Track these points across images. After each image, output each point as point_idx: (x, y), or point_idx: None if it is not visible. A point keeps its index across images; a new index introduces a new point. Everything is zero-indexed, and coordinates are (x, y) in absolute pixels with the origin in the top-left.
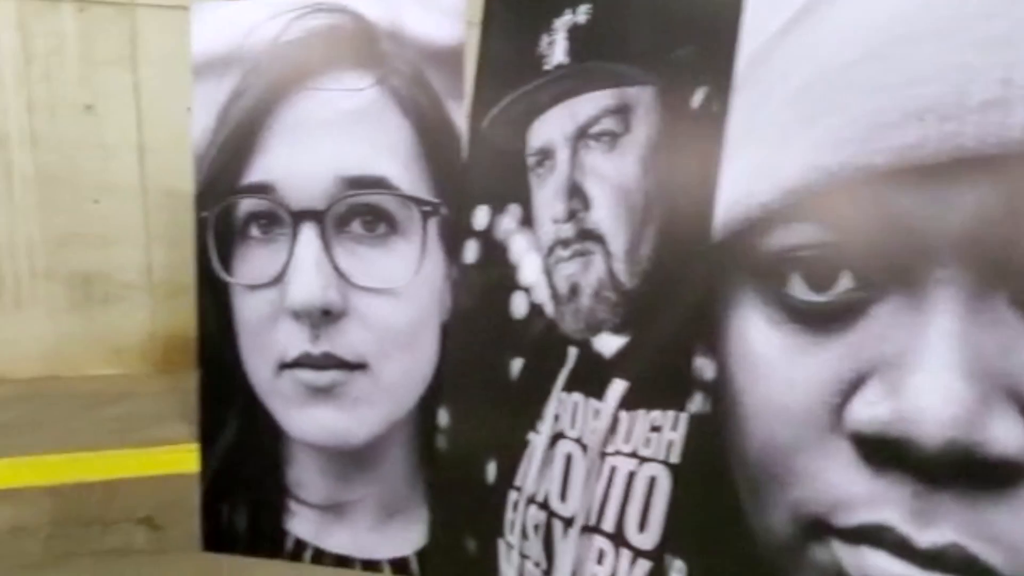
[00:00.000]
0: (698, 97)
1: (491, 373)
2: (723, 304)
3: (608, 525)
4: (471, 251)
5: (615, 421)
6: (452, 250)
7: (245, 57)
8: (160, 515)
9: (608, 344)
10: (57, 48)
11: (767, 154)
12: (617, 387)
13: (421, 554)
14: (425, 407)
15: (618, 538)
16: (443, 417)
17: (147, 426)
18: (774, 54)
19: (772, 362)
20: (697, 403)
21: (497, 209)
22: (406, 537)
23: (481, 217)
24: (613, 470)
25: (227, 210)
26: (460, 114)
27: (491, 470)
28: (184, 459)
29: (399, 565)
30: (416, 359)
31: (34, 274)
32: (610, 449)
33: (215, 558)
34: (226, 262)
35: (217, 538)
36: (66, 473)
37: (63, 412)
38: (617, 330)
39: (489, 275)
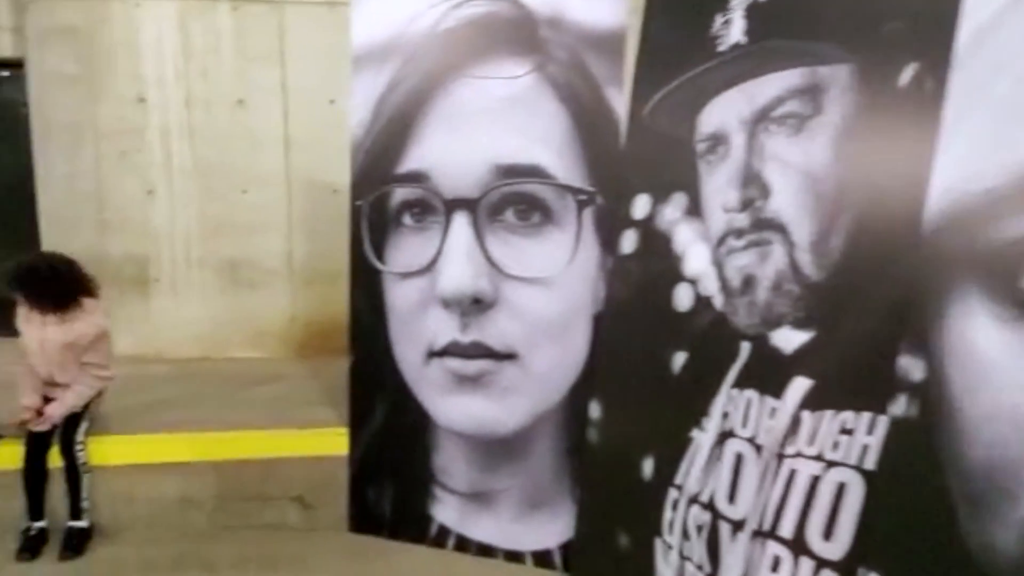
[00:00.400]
0: (907, 75)
1: (650, 366)
2: (936, 299)
3: (785, 531)
4: (629, 241)
5: (796, 421)
6: (608, 240)
7: (403, 47)
8: (311, 495)
9: (789, 339)
10: (213, 46)
11: (995, 136)
12: (799, 385)
13: (567, 547)
14: (575, 399)
15: (797, 545)
16: (595, 410)
17: (294, 408)
18: (1005, 27)
19: (999, 364)
20: (901, 406)
21: (659, 198)
22: (550, 529)
23: (641, 206)
24: (793, 473)
25: (381, 199)
26: (620, 101)
27: (648, 466)
28: (334, 442)
29: (542, 557)
30: (567, 350)
31: (189, 261)
32: (789, 451)
33: (361, 540)
34: (379, 250)
35: (363, 520)
36: (228, 450)
37: (219, 391)
38: (800, 325)
39: (649, 266)
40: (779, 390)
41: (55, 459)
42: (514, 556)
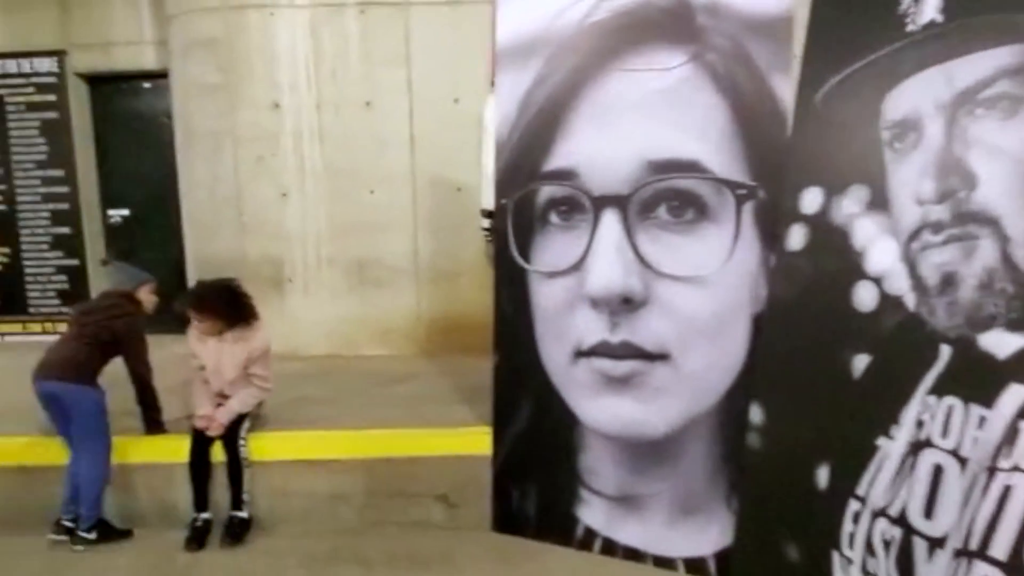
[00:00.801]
0: None
1: (824, 370)
2: None
3: (999, 552)
4: (797, 237)
5: (1013, 432)
6: (771, 236)
7: (550, 41)
8: (455, 494)
9: (1002, 343)
10: (342, 50)
11: None
12: (1016, 394)
13: (723, 556)
14: (732, 402)
15: (1013, 567)
16: (756, 414)
17: (431, 406)
18: None
19: None
20: None
21: (834, 191)
22: (704, 536)
23: (811, 200)
24: (1007, 489)
25: (527, 197)
26: (786, 88)
27: (822, 475)
28: (477, 441)
29: (695, 564)
30: (723, 351)
31: (320, 261)
32: (1003, 464)
33: (505, 540)
34: (524, 249)
35: (507, 520)
36: (375, 448)
37: (357, 389)
38: (1015, 327)
39: (821, 263)
40: (990, 398)
41: (217, 454)
42: (664, 562)
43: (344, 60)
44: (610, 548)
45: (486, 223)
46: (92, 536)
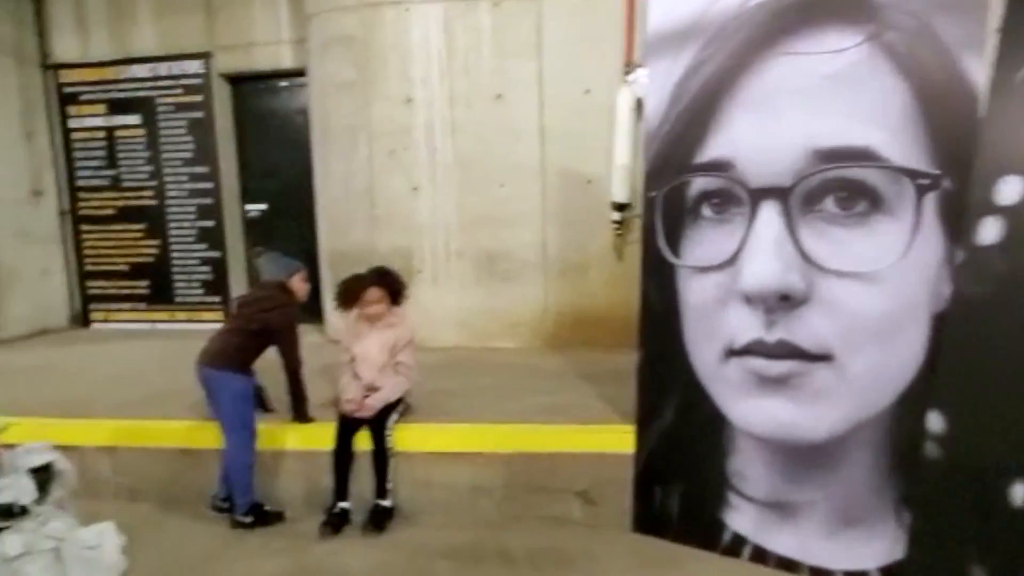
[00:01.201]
0: None
1: (1021, 375)
2: None
3: None
4: (990, 230)
5: None
6: (958, 229)
7: (706, 27)
8: (595, 491)
9: None
10: (475, 43)
11: None
12: None
13: (891, 571)
14: (905, 408)
15: None
16: (936, 422)
17: (563, 399)
18: None
19: None
20: None
21: None
22: (867, 550)
23: (1010, 189)
24: None
25: (677, 190)
26: (978, 68)
27: (1018, 492)
28: (618, 439)
29: None
30: (895, 353)
31: (449, 253)
32: None
33: (645, 540)
34: (673, 243)
35: (648, 521)
36: (515, 442)
37: (492, 382)
38: None
39: (1020, 258)
40: None
41: (361, 443)
42: (822, 574)
43: (476, 53)
44: (760, 556)
45: (616, 216)
46: (248, 520)
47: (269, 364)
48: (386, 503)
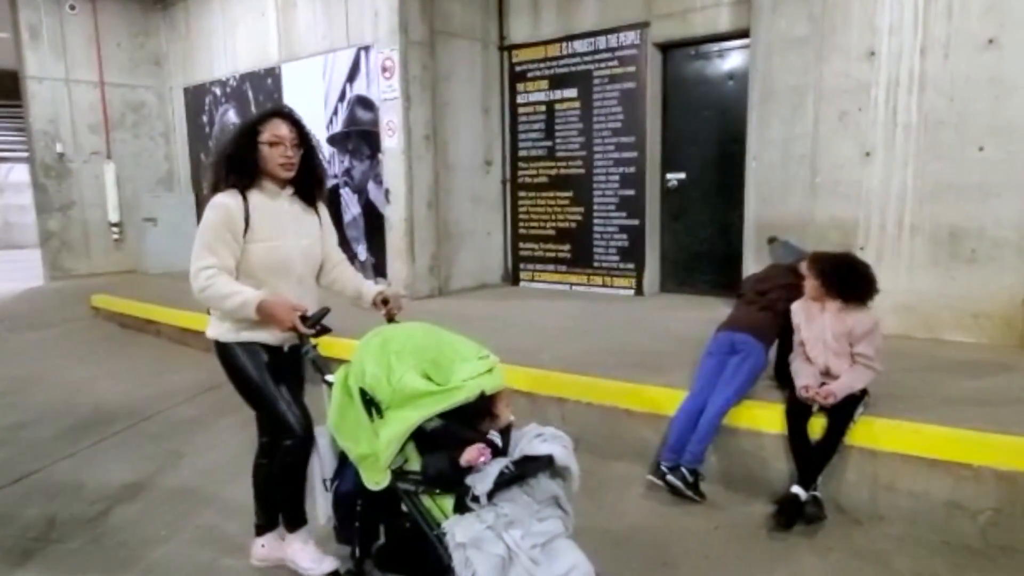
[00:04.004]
0: None
1: None
2: None
3: None
4: None
5: None
6: None
7: None
8: None
9: None
10: None
11: None
12: None
13: None
14: None
15: None
16: None
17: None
18: None
19: None
20: None
21: None
22: None
23: None
24: None
25: None
26: None
27: None
28: None
29: None
30: None
31: (900, 227)
32: None
33: None
34: None
35: None
36: (1020, 459)
37: (961, 380)
38: None
39: None
40: None
41: (814, 429)
42: None
43: None
44: None
45: None
46: (690, 479)
47: None
48: (808, 493)
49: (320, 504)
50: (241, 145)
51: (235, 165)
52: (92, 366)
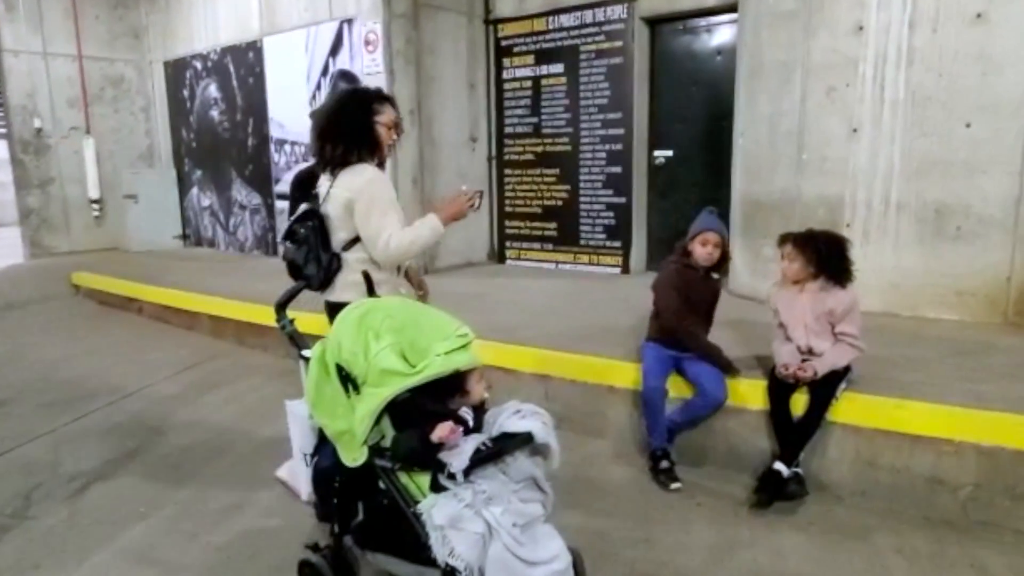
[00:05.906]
0: None
1: None
2: None
3: None
4: None
5: None
6: None
7: None
8: None
9: None
10: None
11: None
12: None
13: None
14: None
15: None
16: None
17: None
18: None
19: None
20: None
21: None
22: None
23: None
24: None
25: None
26: None
27: None
28: None
29: None
30: None
31: (886, 205)
32: None
33: None
34: None
35: None
36: (998, 434)
37: (939, 356)
38: None
39: None
40: None
41: (796, 405)
42: None
43: None
44: None
45: None
46: (665, 464)
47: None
48: (789, 470)
49: (302, 480)
50: (368, 126)
51: (366, 142)
52: (72, 344)
